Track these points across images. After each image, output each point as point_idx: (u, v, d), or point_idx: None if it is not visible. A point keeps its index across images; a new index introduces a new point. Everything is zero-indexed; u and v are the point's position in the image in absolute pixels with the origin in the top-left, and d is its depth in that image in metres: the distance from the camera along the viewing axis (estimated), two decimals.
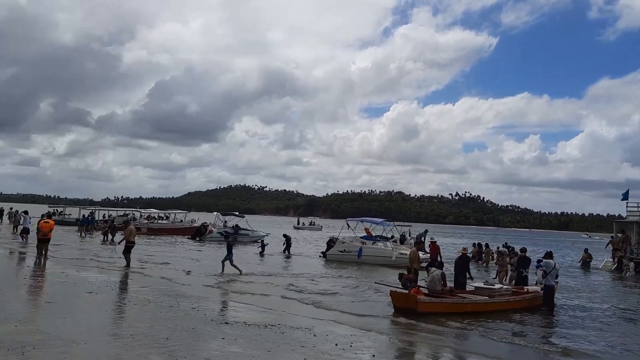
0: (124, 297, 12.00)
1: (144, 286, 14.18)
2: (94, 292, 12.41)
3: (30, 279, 14.31)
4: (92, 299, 11.63)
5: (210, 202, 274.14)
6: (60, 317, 9.30)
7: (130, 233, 18.78)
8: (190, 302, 12.16)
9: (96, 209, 56.91)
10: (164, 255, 23.97)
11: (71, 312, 9.93)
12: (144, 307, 11.07)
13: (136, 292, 12.79)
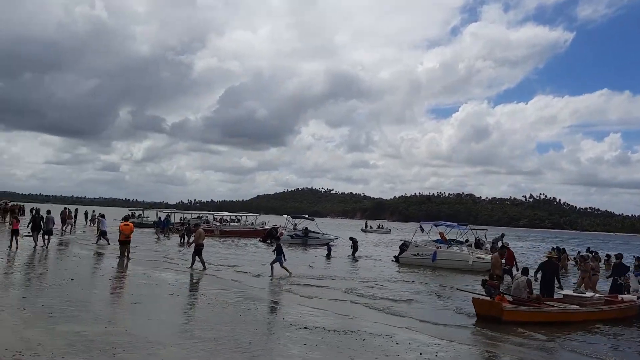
0: (204, 300, 12.14)
1: (221, 288, 14.35)
2: (174, 294, 12.68)
3: (115, 280, 14.87)
4: (174, 300, 11.87)
5: (278, 204, 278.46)
6: (146, 319, 9.49)
7: (199, 236, 19.15)
8: (266, 305, 12.16)
9: (172, 211, 59.09)
10: (235, 258, 24.32)
11: (155, 314, 10.14)
12: (223, 309, 11.15)
13: (215, 295, 12.93)
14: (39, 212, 25.16)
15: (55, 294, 11.02)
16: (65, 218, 34.58)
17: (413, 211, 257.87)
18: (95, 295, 11.81)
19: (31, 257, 18.61)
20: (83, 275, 15.09)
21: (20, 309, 8.96)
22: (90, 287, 12.97)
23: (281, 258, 18.28)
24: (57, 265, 17.07)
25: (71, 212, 38.12)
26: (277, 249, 18.55)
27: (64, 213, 35.62)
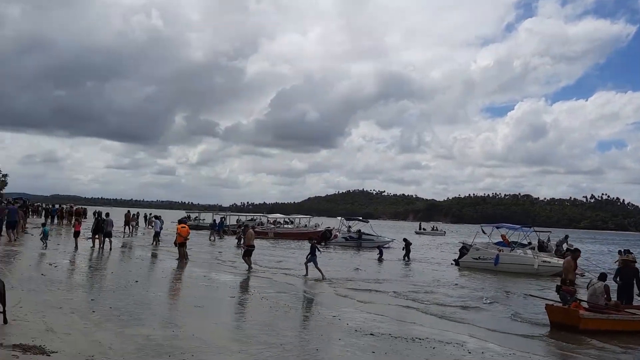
0: (265, 303, 12.02)
1: (280, 291, 14.22)
2: (235, 297, 12.63)
3: (177, 282, 15.05)
4: (237, 304, 11.81)
5: (329, 206, 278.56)
6: (211, 322, 9.43)
7: (249, 237, 19.14)
8: (326, 309, 11.88)
9: (227, 214, 60.07)
10: (290, 260, 24.24)
11: (220, 317, 10.07)
12: (285, 313, 10.98)
13: (275, 298, 12.80)
14: (101, 215, 25.86)
15: (122, 296, 11.17)
16: (128, 220, 35.62)
17: (467, 213, 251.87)
18: (159, 297, 11.91)
19: (95, 258, 19.15)
20: (146, 277, 15.35)
21: (90, 311, 9.08)
22: (154, 289, 13.12)
23: (315, 259, 17.99)
24: (120, 267, 17.45)
25: (134, 215, 39.36)
26: (312, 249, 18.23)
27: (127, 216, 36.73)
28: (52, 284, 11.87)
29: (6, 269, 13.89)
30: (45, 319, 7.88)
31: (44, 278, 12.67)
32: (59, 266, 15.55)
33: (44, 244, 20.72)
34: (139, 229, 40.57)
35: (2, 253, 17.66)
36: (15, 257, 17.01)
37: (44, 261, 16.76)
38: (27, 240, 24.09)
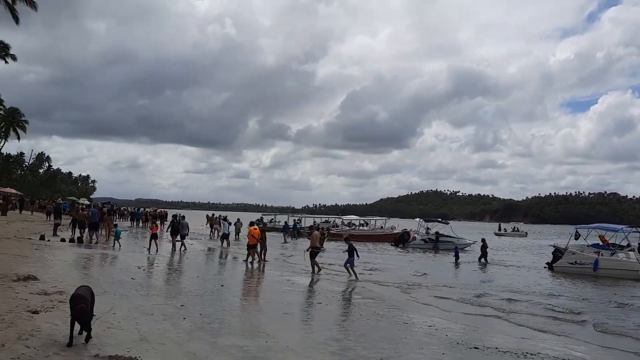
0: (355, 310, 11.41)
1: (367, 297, 13.57)
2: (323, 303, 12.09)
3: (260, 286, 14.76)
4: (324, 310, 11.26)
5: (402, 207, 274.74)
6: (303, 332, 8.93)
7: (315, 239, 18.49)
8: (418, 317, 11.09)
9: (302, 216, 60.26)
10: (369, 264, 23.48)
11: (311, 326, 9.56)
12: (377, 322, 10.31)
13: (364, 305, 12.16)
14: (176, 218, 26.48)
15: (210, 301, 10.94)
16: (212, 223, 36.20)
17: (548, 212, 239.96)
18: (246, 303, 11.61)
19: (177, 261, 19.37)
20: (231, 281, 15.18)
21: (181, 318, 8.83)
22: (240, 293, 12.89)
23: (353, 260, 17.40)
24: (205, 271, 17.47)
25: (217, 217, 39.98)
26: (350, 250, 17.62)
27: (210, 219, 37.43)
28: (142, 288, 11.87)
29: (98, 272, 14.20)
30: (139, 327, 7.67)
31: (134, 282, 12.74)
32: (146, 269, 15.74)
33: (117, 244, 21.74)
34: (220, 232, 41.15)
35: (93, 256, 18.22)
36: (106, 260, 17.47)
37: (132, 264, 17.07)
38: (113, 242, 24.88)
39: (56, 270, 12.90)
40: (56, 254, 17.08)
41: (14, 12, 47.45)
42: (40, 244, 19.47)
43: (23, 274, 11.15)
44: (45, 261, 14.62)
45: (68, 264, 14.89)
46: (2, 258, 13.81)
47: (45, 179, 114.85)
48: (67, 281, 11.39)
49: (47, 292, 9.58)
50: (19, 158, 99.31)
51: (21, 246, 17.86)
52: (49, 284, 10.63)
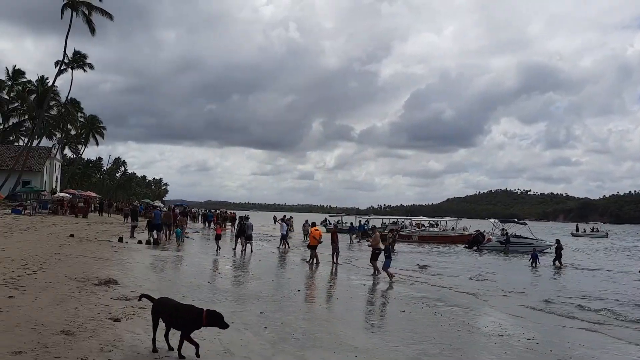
0: (442, 320, 10.55)
1: (451, 305, 12.67)
2: (406, 311, 11.30)
3: (337, 291, 14.14)
4: (410, 319, 10.47)
5: (469, 208, 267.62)
6: (392, 345, 8.20)
7: (376, 240, 17.93)
8: (518, 330, 10.09)
9: (370, 217, 59.37)
10: (444, 268, 22.42)
11: (400, 338, 8.80)
12: (470, 334, 9.45)
13: (449, 313, 11.28)
14: (243, 219, 26.65)
15: (289, 308, 10.46)
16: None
17: (628, 212, 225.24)
18: (327, 310, 11.06)
19: (249, 263, 19.16)
20: (306, 285, 14.71)
21: (262, 327, 8.37)
22: (318, 299, 12.37)
23: (389, 262, 16.79)
24: (278, 274, 17.14)
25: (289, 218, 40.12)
26: (385, 251, 17.12)
27: (285, 221, 37.46)
28: (219, 293, 11.58)
29: (175, 275, 14.12)
30: (221, 337, 7.25)
31: (210, 286, 12.52)
32: (221, 272, 15.56)
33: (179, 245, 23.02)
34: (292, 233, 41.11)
35: (168, 258, 18.34)
36: (181, 262, 17.50)
37: (207, 267, 17.00)
38: (188, 244, 25.25)
39: (135, 274, 12.89)
40: (134, 256, 17.28)
41: (91, 23, 49.98)
42: (119, 247, 19.87)
43: (104, 278, 11.14)
44: (125, 264, 14.73)
45: (146, 267, 14.94)
46: (85, 261, 14.01)
47: (121, 182, 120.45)
48: (146, 285, 11.27)
49: (128, 297, 9.41)
50: (98, 163, 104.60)
51: (101, 248, 18.24)
52: (129, 288, 10.52)
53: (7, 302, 7.59)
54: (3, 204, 38.98)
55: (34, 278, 10.03)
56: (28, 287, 9.01)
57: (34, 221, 28.08)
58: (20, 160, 49.93)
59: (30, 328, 6.33)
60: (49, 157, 57.73)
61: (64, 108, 63.01)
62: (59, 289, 9.29)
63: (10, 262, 11.68)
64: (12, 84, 61.27)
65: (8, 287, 8.70)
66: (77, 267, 12.52)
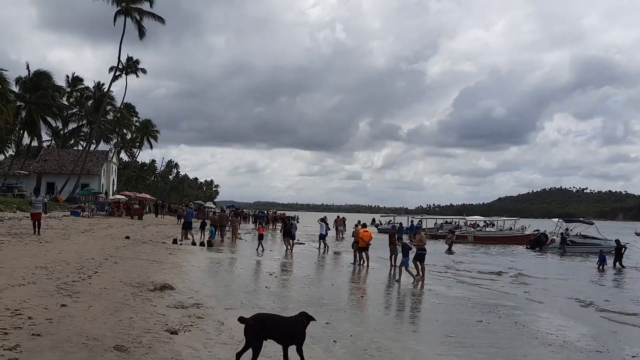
0: (525, 332, 9.42)
1: (532, 314, 11.48)
2: (483, 321, 10.21)
3: (403, 297, 13.17)
4: (490, 332, 9.39)
5: (522, 207, 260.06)
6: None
7: (421, 239, 16.96)
8: (614, 344, 8.85)
9: (423, 217, 57.79)
10: (506, 268, 21.01)
11: (487, 355, 7.79)
12: (561, 348, 8.30)
13: (533, 324, 10.12)
14: (289, 219, 26.26)
15: (356, 318, 9.61)
16: (337, 225, 35.48)
17: None
18: (397, 321, 10.13)
19: (304, 265, 18.44)
20: (370, 291, 13.79)
21: (331, 341, 7.55)
22: (385, 307, 11.44)
23: (408, 261, 16.07)
24: (337, 277, 16.30)
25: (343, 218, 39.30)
26: (404, 249, 16.31)
27: (336, 220, 36.73)
28: (279, 299, 10.84)
29: (231, 279, 13.52)
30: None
31: (269, 291, 11.82)
32: (278, 276, 14.88)
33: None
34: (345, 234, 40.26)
35: (223, 260, 17.86)
36: (235, 265, 16.97)
37: (262, 269, 16.38)
38: (240, 246, 24.91)
39: (191, 278, 12.35)
40: (189, 259, 16.88)
41: (141, 27, 50.84)
42: (173, 249, 19.58)
43: (159, 283, 10.63)
44: (180, 267, 14.28)
45: (201, 270, 14.43)
46: (141, 264, 13.63)
47: (174, 184, 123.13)
48: (202, 291, 10.69)
49: (184, 304, 8.81)
50: (152, 165, 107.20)
51: (156, 251, 17.96)
52: (185, 294, 9.95)
53: (59, 312, 7.09)
54: (63, 206, 39.99)
55: (89, 283, 9.60)
56: (82, 293, 8.54)
57: (91, 223, 28.44)
58: (79, 163, 51.36)
59: (82, 343, 5.73)
60: (106, 160, 59.23)
61: (120, 113, 64.63)
62: (114, 295, 8.78)
63: (66, 266, 11.37)
64: (71, 91, 63.33)
65: (61, 294, 8.25)
66: (132, 271, 12.11)
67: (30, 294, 7.98)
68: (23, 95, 48.56)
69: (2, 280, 8.87)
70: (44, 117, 51.04)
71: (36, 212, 18.70)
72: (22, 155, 56.70)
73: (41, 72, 49.84)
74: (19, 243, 14.87)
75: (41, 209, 19.14)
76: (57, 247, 15.11)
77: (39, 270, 10.31)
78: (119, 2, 48.97)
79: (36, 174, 53.43)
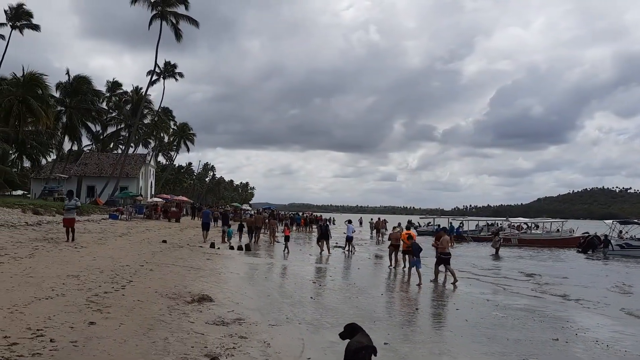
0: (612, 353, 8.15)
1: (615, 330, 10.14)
2: (560, 340, 8.94)
3: (456, 308, 11.95)
4: (568, 354, 8.17)
5: (563, 207, 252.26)
6: None
7: (445, 243, 15.87)
8: None
9: (465, 219, 55.91)
10: (560, 274, 19.52)
11: None
12: None
13: (618, 342, 8.82)
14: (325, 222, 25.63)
15: (417, 337, 8.51)
16: (378, 228, 34.46)
17: None
18: (463, 339, 8.96)
19: (347, 271, 17.42)
20: (423, 301, 12.61)
21: None
22: (445, 322, 10.32)
23: (419, 262, 15.44)
24: (384, 285, 15.24)
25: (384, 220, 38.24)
26: (414, 249, 15.76)
27: (377, 223, 35.72)
28: (327, 313, 9.79)
29: (272, 289, 12.57)
30: None
31: (315, 303, 10.84)
32: (321, 284, 13.89)
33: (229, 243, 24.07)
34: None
35: (262, 266, 17.02)
36: (275, 272, 16.10)
37: (305, 277, 15.44)
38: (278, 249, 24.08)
39: (230, 287, 11.48)
40: (227, 264, 16.09)
41: (178, 30, 50.93)
42: (211, 253, 18.85)
43: (197, 293, 9.81)
44: (218, 275, 13.44)
45: (241, 278, 13.56)
46: (177, 271, 12.87)
47: (210, 186, 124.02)
48: (243, 302, 9.80)
49: (225, 320, 7.92)
50: (188, 168, 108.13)
51: (193, 256, 17.25)
52: (226, 306, 9.07)
53: (86, 332, 6.27)
54: (102, 209, 40.14)
55: (122, 295, 8.82)
56: (113, 307, 7.75)
57: (129, 226, 28.14)
58: (117, 167, 51.77)
59: None
60: (144, 163, 59.68)
61: (157, 116, 65.09)
62: (148, 309, 7.96)
63: (99, 275, 10.68)
64: (110, 95, 64.14)
65: (91, 309, 7.47)
66: (169, 279, 11.34)
67: (57, 309, 7.23)
68: (63, 100, 49.24)
69: (29, 291, 8.18)
70: (84, 122, 51.67)
71: (69, 217, 16.90)
72: (63, 160, 57.61)
73: (81, 76, 50.48)
74: (53, 249, 14.35)
75: (74, 213, 17.27)
76: (92, 252, 14.53)
77: (70, 280, 9.62)
78: (155, 6, 49.20)
79: (77, 178, 54.15)
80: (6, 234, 16.24)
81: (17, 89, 38.51)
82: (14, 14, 50.67)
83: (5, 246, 13.64)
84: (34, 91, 38.63)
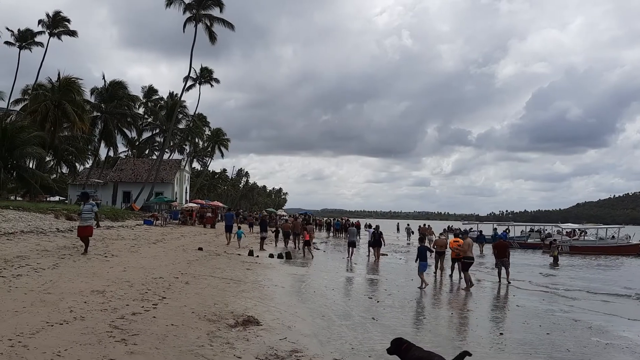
0: None
1: None
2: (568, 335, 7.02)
3: (525, 323, 10.08)
4: None
5: (603, 213, 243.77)
6: None
7: (467, 247, 14.81)
8: None
9: (510, 224, 53.23)
10: None
11: None
12: None
13: None
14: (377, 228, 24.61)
15: (502, 355, 6.74)
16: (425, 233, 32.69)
17: None
18: None
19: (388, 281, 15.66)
20: (498, 320, 10.78)
21: None
22: (523, 344, 8.48)
23: (425, 265, 14.79)
24: (445, 298, 13.44)
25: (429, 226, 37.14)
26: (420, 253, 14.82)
27: (423, 229, 34.38)
28: (387, 332, 8.11)
29: (324, 306, 10.88)
30: None
31: (379, 326, 9.10)
32: (380, 300, 12.13)
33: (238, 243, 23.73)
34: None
35: (307, 276, 15.41)
36: (324, 285, 14.46)
37: (358, 291, 13.78)
38: (318, 257, 22.68)
39: (277, 305, 9.88)
40: (269, 275, 14.55)
41: (212, 33, 50.15)
42: (250, 262, 17.34)
43: (241, 313, 8.26)
44: (261, 288, 11.87)
45: (287, 292, 11.94)
46: (216, 284, 11.36)
47: (244, 192, 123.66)
48: (296, 326, 8.18)
49: (278, 353, 6.32)
50: (223, 174, 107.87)
51: (232, 265, 15.78)
52: (276, 332, 7.47)
53: None
54: (137, 214, 39.37)
55: (152, 317, 7.32)
56: (141, 336, 6.23)
57: (164, 232, 27.04)
58: (153, 172, 51.21)
59: None
60: (178, 169, 59.12)
61: (192, 122, 64.63)
62: (184, 338, 6.42)
63: (128, 289, 9.25)
64: (145, 101, 64.01)
65: (113, 339, 5.96)
66: (207, 295, 9.83)
67: (71, 338, 5.76)
68: (99, 105, 48.97)
69: (42, 314, 6.76)
70: (120, 127, 51.33)
71: (84, 225, 13.85)
72: (100, 166, 57.54)
73: (116, 82, 50.19)
74: (81, 258, 13.07)
75: (91, 220, 14.04)
76: (123, 262, 13.19)
77: (94, 298, 8.20)
78: (190, 9, 48.59)
79: (112, 183, 53.90)
80: (33, 241, 15.09)
81: (52, 94, 38.13)
82: (51, 22, 50.94)
83: (29, 255, 12.42)
84: (69, 96, 38.19)
